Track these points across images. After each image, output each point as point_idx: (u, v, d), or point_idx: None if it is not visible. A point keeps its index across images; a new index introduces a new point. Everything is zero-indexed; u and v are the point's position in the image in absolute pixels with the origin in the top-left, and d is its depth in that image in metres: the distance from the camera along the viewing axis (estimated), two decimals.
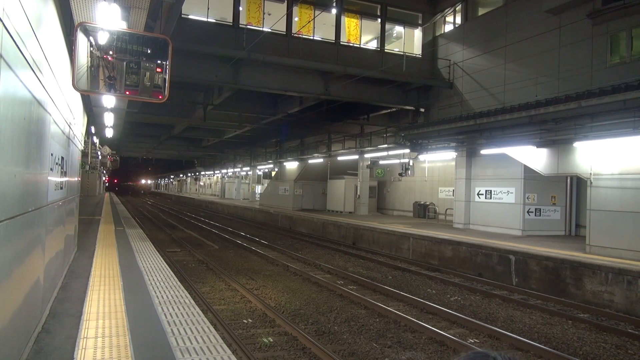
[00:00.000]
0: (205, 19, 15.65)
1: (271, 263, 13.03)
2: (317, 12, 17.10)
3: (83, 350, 3.91)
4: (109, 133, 17.56)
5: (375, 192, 25.99)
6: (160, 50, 5.57)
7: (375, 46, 19.37)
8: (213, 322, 6.60)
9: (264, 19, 16.40)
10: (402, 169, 19.56)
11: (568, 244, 12.50)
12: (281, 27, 16.57)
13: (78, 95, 8.26)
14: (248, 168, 42.31)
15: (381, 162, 23.05)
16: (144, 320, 4.85)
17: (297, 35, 16.91)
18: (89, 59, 5.55)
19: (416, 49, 19.90)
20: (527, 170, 14.26)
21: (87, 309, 5.15)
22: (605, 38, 13.01)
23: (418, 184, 23.28)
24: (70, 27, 6.16)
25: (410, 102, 19.46)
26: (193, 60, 15.33)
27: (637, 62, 12.27)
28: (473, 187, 16.77)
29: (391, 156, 21.38)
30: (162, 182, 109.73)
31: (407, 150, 19.05)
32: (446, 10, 19.24)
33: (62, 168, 5.96)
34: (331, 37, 17.72)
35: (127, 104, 13.21)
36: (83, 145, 12.68)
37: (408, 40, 19.92)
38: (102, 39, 5.31)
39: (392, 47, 19.96)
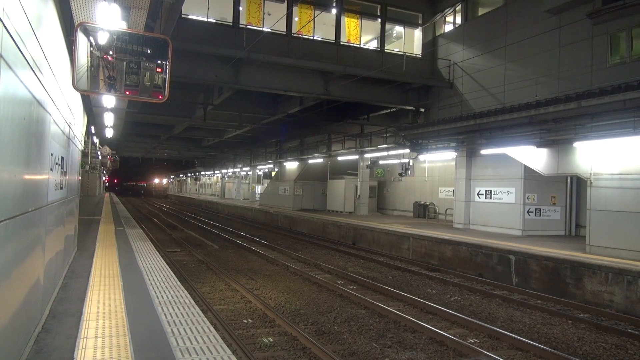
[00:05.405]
0: (205, 19, 15.66)
1: (271, 263, 13.03)
2: (317, 12, 17.10)
3: (83, 350, 3.91)
4: (109, 133, 17.54)
5: (375, 192, 25.99)
6: (160, 50, 5.56)
7: (375, 46, 19.37)
8: (213, 322, 6.60)
9: (264, 19, 16.41)
10: (402, 169, 19.56)
11: (568, 244, 12.50)
12: (281, 27, 16.57)
13: (78, 95, 8.26)
14: (248, 168, 42.32)
15: (381, 162, 23.04)
16: (144, 320, 4.85)
17: (297, 35, 16.91)
18: (89, 59, 5.55)
19: (416, 49, 19.90)
20: (527, 170, 14.25)
21: (87, 309, 5.15)
22: (605, 38, 13.01)
23: (418, 184, 23.28)
24: (70, 27, 6.17)
25: (410, 102, 19.46)
26: (193, 60, 15.33)
27: (637, 62, 12.27)
28: (473, 187, 16.77)
29: (391, 156, 21.38)
30: (163, 182, 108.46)
31: (407, 150, 19.04)
32: (446, 10, 19.24)
33: (62, 168, 5.96)
34: (331, 37, 17.72)
35: (127, 104, 13.21)
36: (83, 145, 12.68)
37: (408, 40, 19.93)
38: (102, 39, 5.31)
39: (392, 47, 19.96)
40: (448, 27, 19.77)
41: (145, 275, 7.16)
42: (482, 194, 16.35)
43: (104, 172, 46.67)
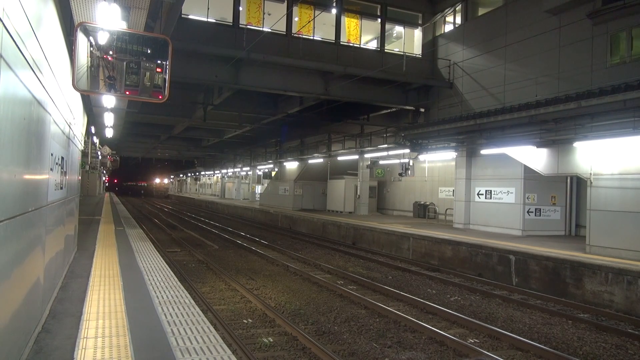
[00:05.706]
0: (205, 19, 15.66)
1: (271, 263, 13.03)
2: (317, 12, 17.11)
3: (83, 350, 3.91)
4: (109, 133, 17.55)
5: (375, 192, 25.99)
6: (160, 50, 5.56)
7: (375, 46, 19.38)
8: (213, 322, 6.60)
9: (264, 19, 16.41)
10: (402, 169, 19.56)
11: (568, 244, 12.50)
12: (281, 27, 16.58)
13: (78, 95, 8.26)
14: (248, 168, 42.31)
15: (381, 162, 23.05)
16: (144, 320, 4.85)
17: (297, 35, 16.91)
18: (89, 59, 5.55)
19: (416, 49, 19.91)
20: (527, 170, 14.25)
21: (87, 309, 5.15)
22: (605, 38, 13.02)
23: (418, 184, 23.28)
24: (70, 27, 6.17)
25: (410, 102, 19.47)
26: (193, 60, 15.34)
27: (637, 62, 12.28)
28: (473, 187, 16.77)
29: (391, 156, 21.38)
30: (164, 182, 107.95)
31: (407, 150, 19.04)
32: (446, 10, 19.24)
33: (62, 168, 5.96)
34: (331, 37, 17.72)
35: (127, 104, 13.22)
36: (83, 145, 12.68)
37: (408, 40, 19.93)
38: (102, 39, 5.31)
39: (392, 47, 19.97)
40: (448, 27, 19.77)
41: (145, 275, 7.16)
42: (482, 194, 16.35)
43: (104, 172, 46.70)
